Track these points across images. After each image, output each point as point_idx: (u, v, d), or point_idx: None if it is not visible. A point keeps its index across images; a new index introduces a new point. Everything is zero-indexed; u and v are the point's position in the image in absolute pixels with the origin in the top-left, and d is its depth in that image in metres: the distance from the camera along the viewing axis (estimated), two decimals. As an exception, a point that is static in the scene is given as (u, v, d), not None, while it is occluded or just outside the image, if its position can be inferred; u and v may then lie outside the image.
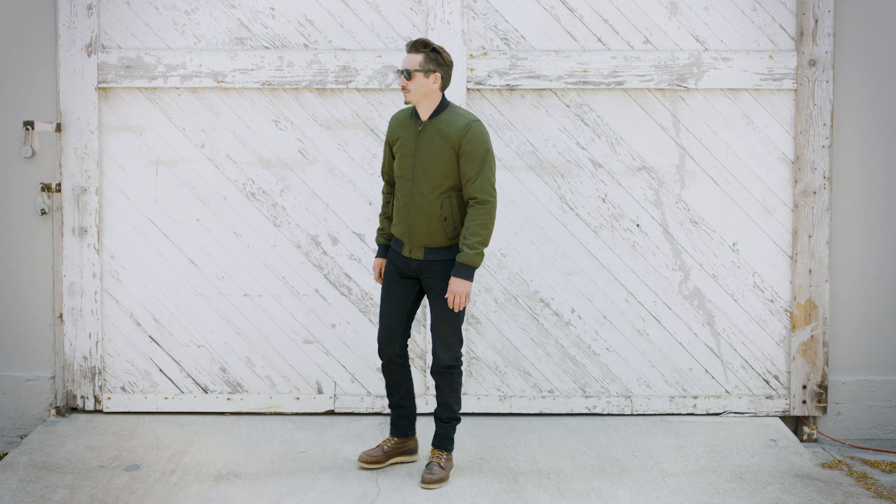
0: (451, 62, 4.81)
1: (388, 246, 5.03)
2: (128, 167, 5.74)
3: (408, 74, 4.72)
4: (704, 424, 5.69)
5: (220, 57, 5.67)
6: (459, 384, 4.89)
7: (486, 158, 4.69)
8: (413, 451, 5.12)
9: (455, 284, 4.69)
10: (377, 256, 5.06)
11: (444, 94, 4.82)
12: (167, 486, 4.82)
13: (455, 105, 4.86)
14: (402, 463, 5.08)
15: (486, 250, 5.57)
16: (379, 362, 5.78)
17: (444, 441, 4.93)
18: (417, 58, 4.73)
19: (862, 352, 5.80)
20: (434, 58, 4.75)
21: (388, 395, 5.04)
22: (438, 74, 4.74)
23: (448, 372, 4.84)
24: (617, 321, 5.79)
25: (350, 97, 5.72)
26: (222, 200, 5.76)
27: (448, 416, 4.90)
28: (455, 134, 4.69)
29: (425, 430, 5.32)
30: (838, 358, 5.80)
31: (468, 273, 4.69)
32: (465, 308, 4.81)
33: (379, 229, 5.05)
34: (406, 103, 4.80)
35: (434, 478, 4.82)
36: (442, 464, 4.88)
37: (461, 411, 5.50)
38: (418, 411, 5.51)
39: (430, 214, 4.75)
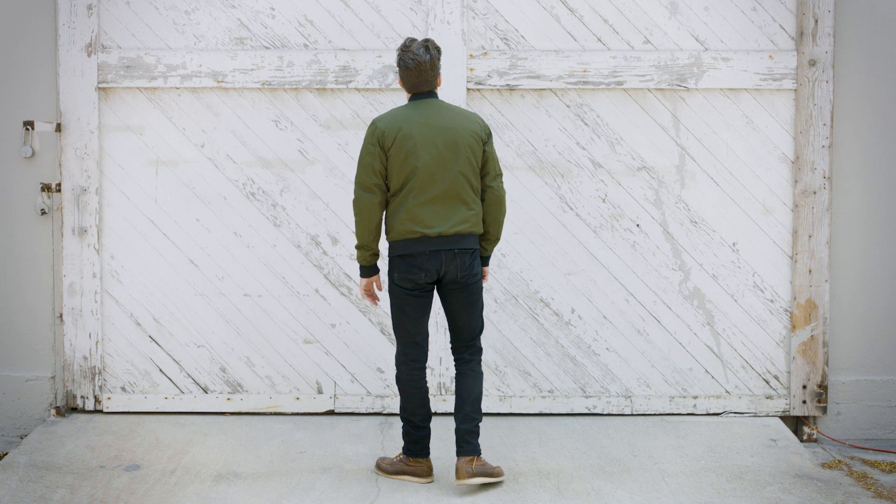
0: (402, 61, 4.69)
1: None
2: (128, 167, 5.75)
3: None
4: (704, 424, 5.69)
5: (220, 57, 5.67)
6: (398, 386, 4.85)
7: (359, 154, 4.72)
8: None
9: None
10: None
11: (413, 95, 4.76)
12: (167, 486, 4.82)
13: (401, 106, 4.83)
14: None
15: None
16: (379, 363, 5.79)
17: None
18: None
19: (862, 352, 5.80)
20: None
21: None
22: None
23: None
24: (617, 321, 5.79)
25: (350, 97, 5.72)
26: (222, 200, 5.76)
27: None
28: None
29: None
30: (838, 358, 5.80)
31: (360, 270, 4.85)
32: (394, 313, 4.80)
33: None
34: None
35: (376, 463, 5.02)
36: (392, 459, 4.95)
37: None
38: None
39: None
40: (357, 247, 4.77)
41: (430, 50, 4.68)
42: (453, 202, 4.68)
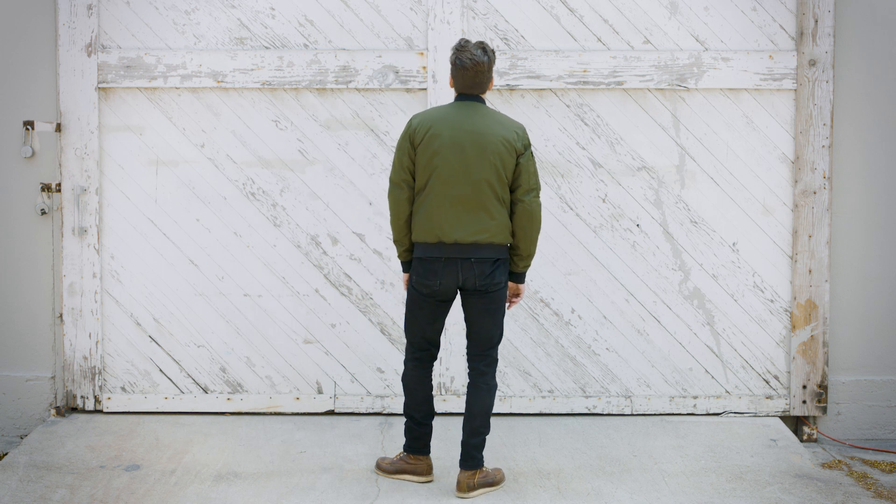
0: (458, 60, 4.62)
1: None
2: (128, 167, 5.75)
3: None
4: (704, 424, 5.69)
5: (220, 57, 5.67)
6: (402, 382, 4.88)
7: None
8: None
9: None
10: None
11: (459, 96, 4.70)
12: (167, 486, 4.82)
13: (443, 104, 4.87)
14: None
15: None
16: (379, 363, 5.80)
17: None
18: None
19: (862, 352, 5.80)
20: None
21: None
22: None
23: None
24: (617, 321, 5.79)
25: (350, 97, 5.72)
26: (222, 200, 5.76)
27: None
28: None
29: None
30: (838, 358, 5.80)
31: (401, 265, 4.91)
32: (406, 311, 4.81)
33: None
34: None
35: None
36: (392, 459, 4.97)
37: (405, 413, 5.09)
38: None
39: None
40: (393, 241, 4.84)
41: (487, 52, 4.63)
42: (474, 209, 4.61)
